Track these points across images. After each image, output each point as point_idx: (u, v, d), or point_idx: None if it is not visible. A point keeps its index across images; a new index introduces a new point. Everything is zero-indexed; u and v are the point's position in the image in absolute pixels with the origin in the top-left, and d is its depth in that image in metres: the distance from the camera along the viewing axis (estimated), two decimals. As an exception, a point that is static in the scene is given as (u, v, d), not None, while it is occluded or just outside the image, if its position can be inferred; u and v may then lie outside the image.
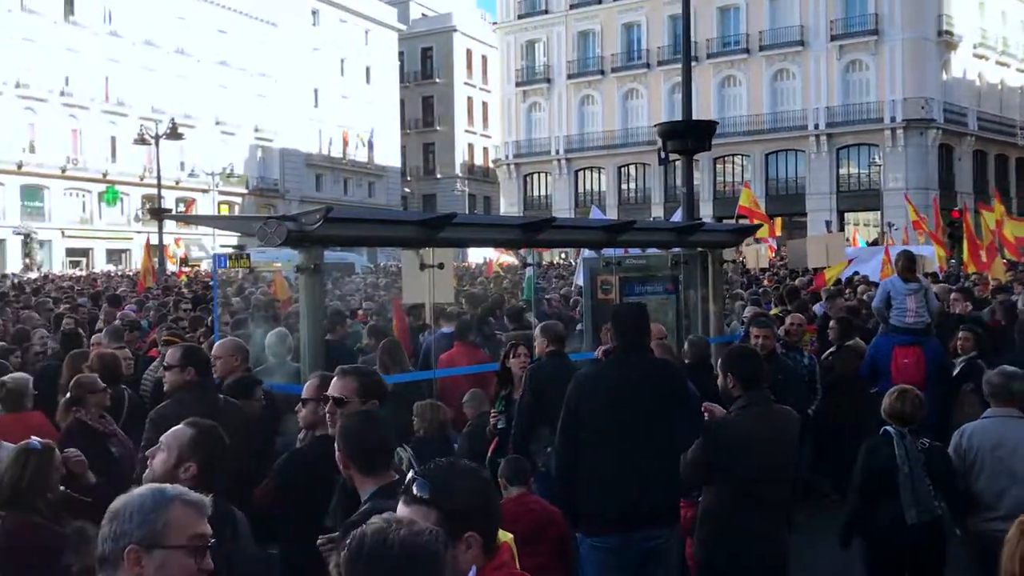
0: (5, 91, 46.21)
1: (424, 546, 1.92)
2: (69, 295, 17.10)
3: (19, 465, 4.00)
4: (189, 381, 5.09)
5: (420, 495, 2.30)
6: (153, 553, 2.12)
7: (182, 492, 2.24)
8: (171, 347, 5.82)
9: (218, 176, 54.02)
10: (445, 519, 2.25)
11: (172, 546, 2.14)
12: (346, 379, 3.98)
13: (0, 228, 45.96)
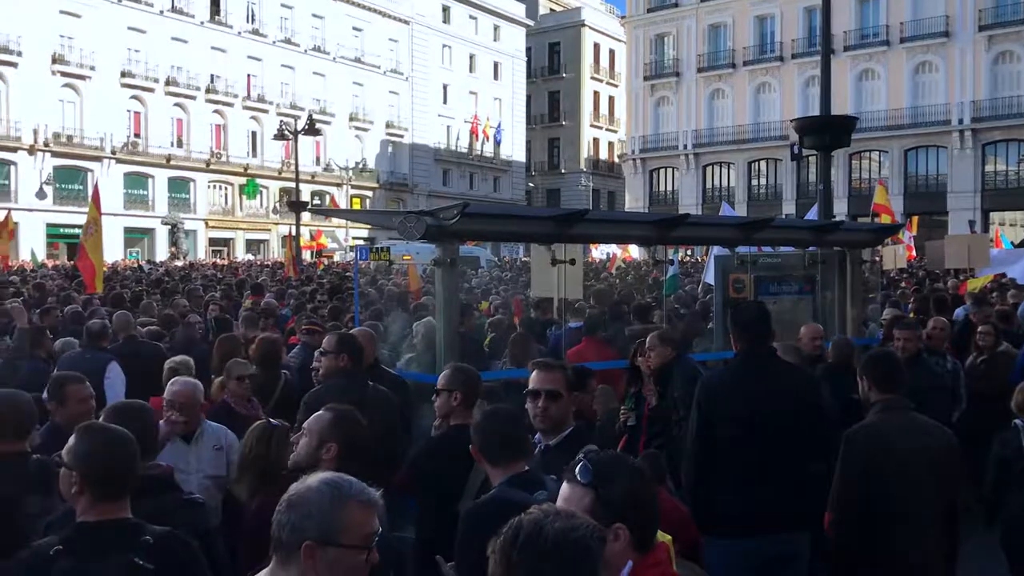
0: (157, 89, 48.95)
1: (578, 540, 1.93)
2: (216, 283, 17.98)
3: (264, 443, 4.24)
4: (342, 367, 5.34)
5: (580, 478, 2.40)
6: (327, 550, 2.19)
7: (358, 491, 2.28)
8: (327, 335, 6.08)
9: (351, 171, 55.71)
10: (599, 505, 2.34)
11: (346, 545, 2.21)
12: (554, 372, 4.00)
13: (150, 218, 48.71)
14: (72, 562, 2.74)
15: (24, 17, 42.65)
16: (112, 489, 2.89)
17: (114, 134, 46.68)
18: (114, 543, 2.81)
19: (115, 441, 2.97)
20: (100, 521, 2.85)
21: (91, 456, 2.90)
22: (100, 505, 2.87)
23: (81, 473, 2.87)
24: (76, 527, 2.86)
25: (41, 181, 44.06)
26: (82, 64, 45.47)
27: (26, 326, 8.21)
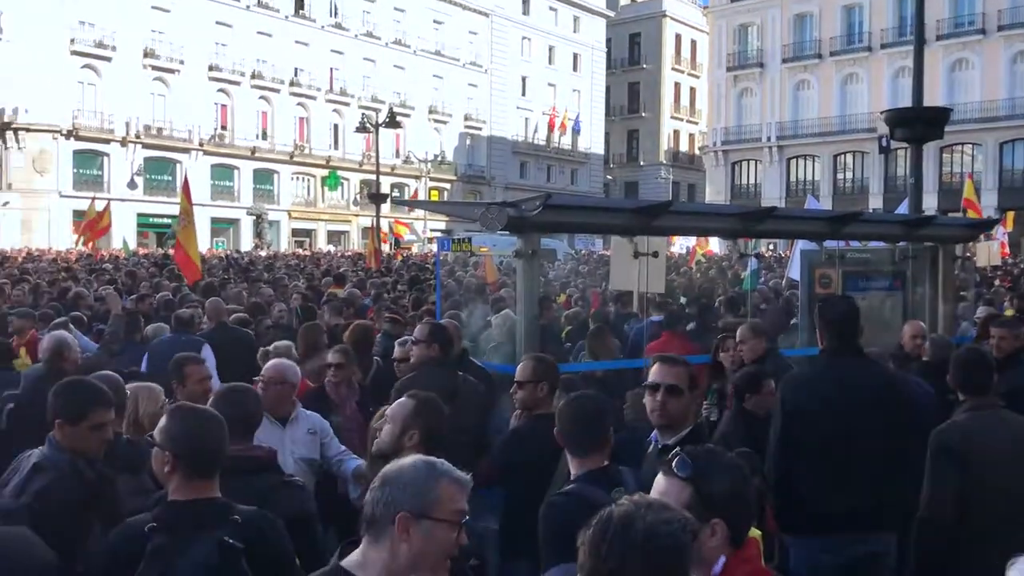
0: (243, 82, 50.14)
1: (669, 534, 1.90)
2: (299, 273, 18.37)
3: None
4: (434, 357, 5.40)
5: (679, 472, 2.38)
6: (422, 523, 2.24)
7: (450, 469, 2.34)
8: (419, 324, 6.15)
9: (430, 163, 56.22)
10: (698, 500, 2.33)
11: (439, 519, 2.26)
12: (677, 367, 3.96)
13: (235, 209, 49.95)
14: (165, 539, 2.81)
15: (117, 13, 44.10)
16: (202, 469, 2.96)
17: (202, 126, 47.98)
18: (204, 521, 2.88)
19: (206, 422, 3.04)
20: (191, 500, 2.92)
21: (183, 437, 2.97)
22: (191, 484, 2.93)
23: (173, 453, 2.95)
24: (167, 505, 2.94)
25: (132, 172, 45.56)
26: (171, 58, 46.83)
27: (120, 312, 8.48)
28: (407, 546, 2.24)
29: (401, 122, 40.54)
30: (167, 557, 2.78)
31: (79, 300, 10.57)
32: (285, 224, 52.54)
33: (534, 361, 4.72)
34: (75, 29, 42.92)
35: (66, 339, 6.39)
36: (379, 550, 2.27)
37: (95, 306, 10.94)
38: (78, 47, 43.18)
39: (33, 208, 41.97)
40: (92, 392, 3.67)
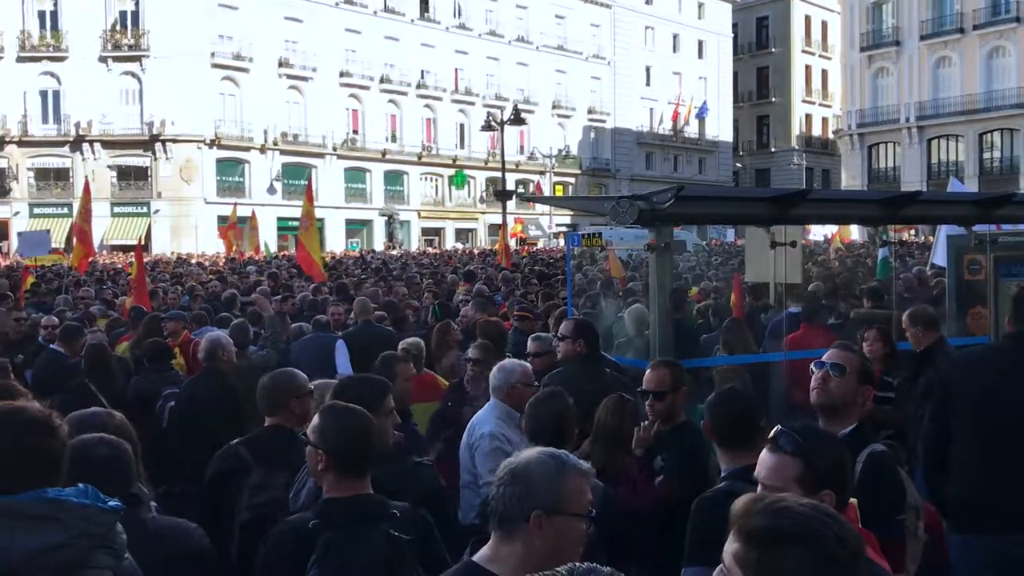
0: (372, 87, 51.53)
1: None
2: (431, 271, 18.76)
3: (617, 415, 4.45)
4: (579, 352, 5.42)
5: (786, 447, 2.46)
6: (554, 518, 2.25)
7: (575, 462, 2.36)
8: (564, 320, 6.18)
9: (554, 158, 56.33)
10: (807, 472, 2.43)
11: (571, 513, 2.27)
12: (848, 353, 3.87)
13: (368, 210, 51.42)
14: (333, 534, 2.90)
15: (254, 25, 46.08)
16: (355, 467, 3.04)
17: (335, 131, 49.58)
18: (365, 516, 2.97)
19: (358, 421, 3.12)
20: (349, 497, 3.00)
21: (336, 435, 3.05)
22: (345, 482, 3.01)
23: (326, 451, 3.03)
24: (325, 503, 3.02)
25: (271, 178, 47.51)
26: (305, 67, 48.57)
27: (272, 314, 8.85)
28: (541, 542, 2.25)
29: (525, 119, 40.67)
30: (341, 551, 2.87)
31: (231, 302, 11.08)
32: (415, 223, 53.72)
33: (669, 368, 4.55)
34: (215, 43, 45.08)
35: (221, 339, 6.71)
36: (512, 545, 2.30)
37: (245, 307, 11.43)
38: (218, 60, 45.33)
39: (181, 215, 44.37)
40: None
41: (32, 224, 41.53)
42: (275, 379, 4.45)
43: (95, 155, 43.81)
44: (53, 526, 2.21)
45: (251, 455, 4.14)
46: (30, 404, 2.46)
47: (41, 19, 44.19)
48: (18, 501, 2.23)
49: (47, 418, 2.38)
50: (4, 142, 42.45)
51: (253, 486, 4.00)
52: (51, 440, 2.36)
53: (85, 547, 2.25)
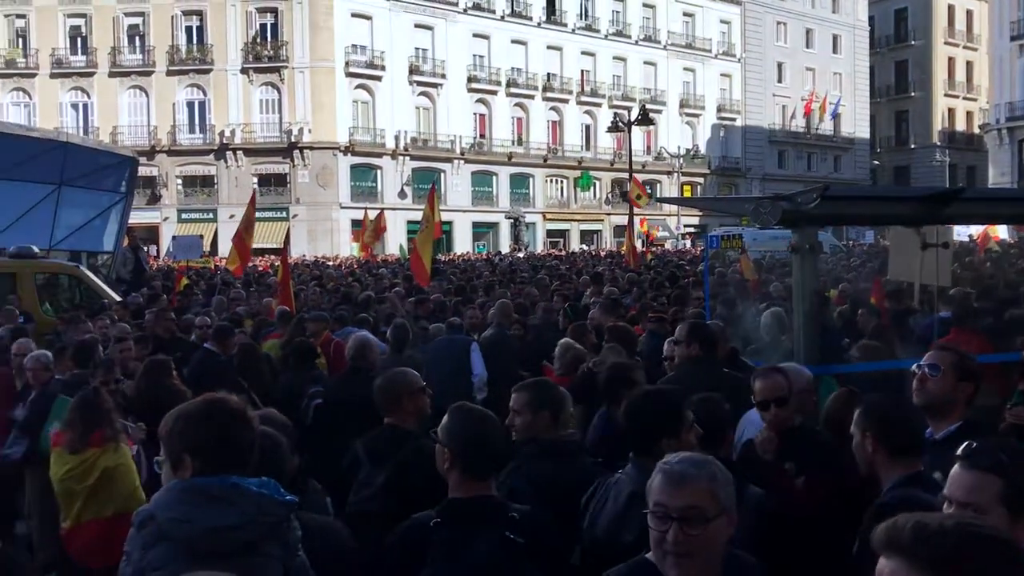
0: (499, 91, 52.11)
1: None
2: (559, 273, 18.82)
3: (849, 407, 4.46)
4: (694, 356, 5.33)
5: (982, 463, 2.26)
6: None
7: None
8: (679, 324, 6.12)
9: (682, 158, 55.56)
10: (1009, 490, 2.21)
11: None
12: (945, 353, 3.74)
13: (494, 213, 52.01)
14: (449, 533, 2.97)
15: (387, 34, 47.39)
16: (479, 468, 3.08)
17: (462, 136, 50.38)
18: (485, 518, 3.01)
19: (484, 423, 3.17)
20: (470, 498, 3.05)
21: (461, 435, 3.11)
22: (468, 482, 3.07)
23: (452, 450, 3.09)
24: (449, 502, 3.08)
25: (402, 182, 48.66)
26: (434, 73, 49.56)
27: (403, 315, 9.06)
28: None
29: (653, 119, 40.26)
30: (454, 549, 2.95)
31: (368, 303, 11.40)
32: (540, 225, 53.99)
33: (783, 374, 4.37)
34: (349, 53, 46.54)
35: (368, 340, 6.90)
36: None
37: (380, 308, 11.74)
38: (352, 69, 46.78)
39: (317, 219, 46.01)
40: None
41: (180, 229, 43.92)
42: (388, 378, 4.56)
43: (238, 163, 45.93)
44: (229, 509, 2.41)
45: (365, 452, 4.29)
46: (230, 396, 2.65)
47: (188, 34, 46.68)
48: (207, 482, 2.41)
49: (244, 410, 2.60)
50: (155, 151, 44.98)
51: (360, 482, 4.16)
52: (246, 430, 2.55)
53: (256, 533, 2.40)
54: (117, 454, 5.13)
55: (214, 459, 2.48)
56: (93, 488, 5.02)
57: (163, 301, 12.67)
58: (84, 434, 5.07)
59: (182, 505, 2.42)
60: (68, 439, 5.11)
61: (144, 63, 46.18)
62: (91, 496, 5.03)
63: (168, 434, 2.56)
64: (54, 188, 17.16)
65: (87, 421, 5.10)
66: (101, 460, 5.07)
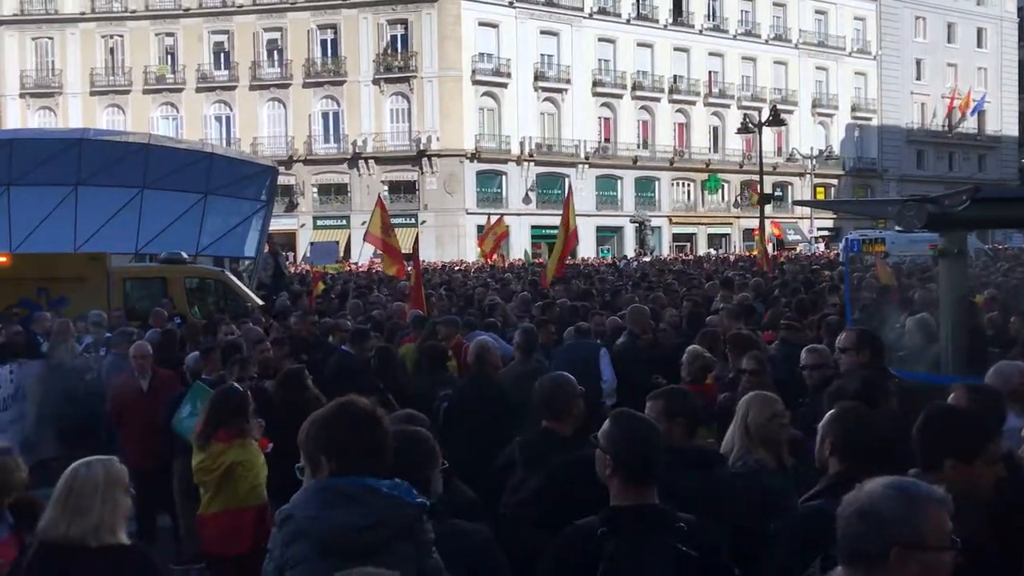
0: (624, 95, 51.83)
1: None
2: (688, 278, 18.56)
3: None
4: (863, 363, 5.18)
5: None
6: (915, 553, 2.14)
7: (929, 491, 2.21)
8: (845, 331, 5.92)
9: (814, 159, 53.88)
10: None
11: (934, 547, 2.15)
12: None
13: (619, 217, 51.70)
14: (618, 543, 2.92)
15: (513, 42, 47.91)
16: (639, 475, 3.05)
17: (587, 141, 50.34)
18: (652, 528, 2.96)
19: (644, 429, 3.15)
20: (634, 506, 3.01)
21: (621, 442, 3.09)
22: (631, 489, 3.03)
23: (613, 457, 3.08)
24: (612, 510, 3.04)
25: (526, 188, 49.00)
26: (559, 79, 49.73)
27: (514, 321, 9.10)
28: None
29: (784, 119, 39.18)
30: (626, 562, 2.89)
31: (494, 308, 11.53)
32: (666, 229, 53.35)
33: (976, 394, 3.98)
34: (476, 61, 47.25)
35: (488, 343, 7.01)
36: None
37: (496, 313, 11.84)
38: (479, 77, 47.46)
39: (445, 225, 46.86)
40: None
41: (315, 235, 45.55)
42: (552, 383, 4.57)
43: (369, 171, 47.28)
44: (360, 509, 2.50)
45: (521, 455, 4.32)
46: (361, 399, 2.75)
47: (323, 48, 48.38)
48: (340, 482, 2.52)
49: (374, 412, 2.69)
50: (292, 161, 46.78)
51: (514, 485, 4.19)
52: (377, 432, 2.63)
53: (386, 534, 2.47)
54: (244, 450, 5.39)
55: (348, 460, 2.58)
56: (219, 481, 5.30)
57: (305, 304, 13.17)
58: (212, 429, 5.36)
59: (316, 504, 2.53)
60: (197, 433, 5.42)
61: (282, 76, 48.14)
62: (218, 488, 5.32)
63: (306, 439, 2.68)
64: (200, 197, 18.08)
65: (214, 417, 5.39)
66: (228, 455, 5.34)
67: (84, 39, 48.96)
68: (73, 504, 3.11)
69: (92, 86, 48.96)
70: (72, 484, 3.15)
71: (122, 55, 49.12)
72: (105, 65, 49.19)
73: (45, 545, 3.12)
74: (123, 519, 3.22)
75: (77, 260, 14.47)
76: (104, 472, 3.21)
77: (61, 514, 3.10)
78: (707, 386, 6.46)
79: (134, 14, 48.60)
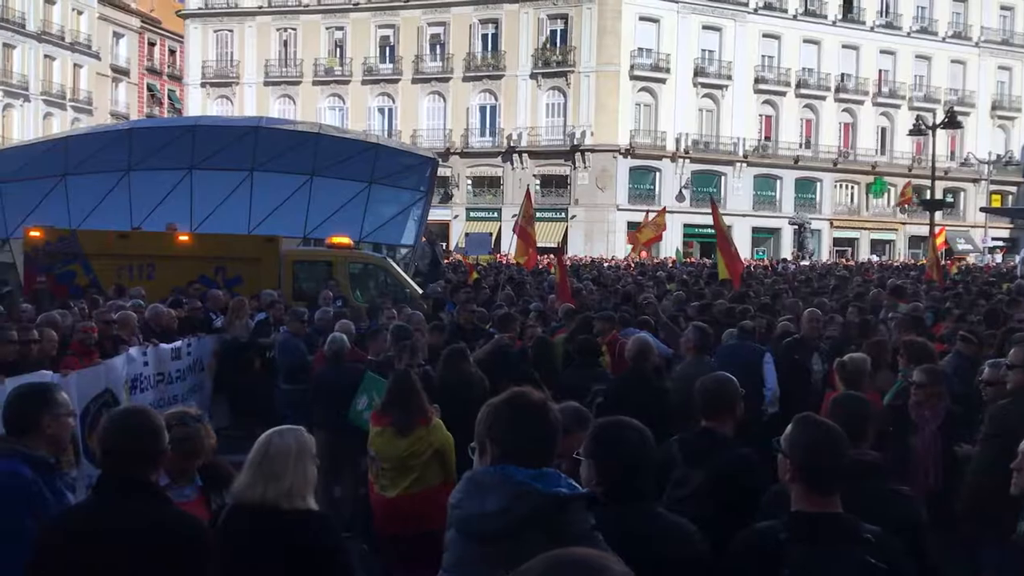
0: (787, 92, 50.24)
1: None
2: (848, 284, 17.86)
3: None
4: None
5: None
6: None
7: None
8: (1016, 347, 5.58)
9: (992, 164, 50.64)
10: None
11: None
12: None
13: (776, 218, 50.20)
14: (802, 551, 2.84)
15: (673, 37, 47.30)
16: (820, 482, 2.96)
17: (746, 139, 49.12)
18: (838, 537, 2.86)
19: (827, 435, 3.04)
20: (818, 513, 2.92)
21: (802, 447, 3.01)
22: (811, 496, 2.95)
23: (793, 462, 3.01)
24: (793, 516, 2.96)
25: (680, 185, 48.28)
26: (720, 75, 48.72)
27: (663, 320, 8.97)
28: None
29: (960, 121, 36.97)
30: (813, 571, 2.81)
31: (647, 306, 11.44)
32: (826, 232, 51.42)
33: None
34: (635, 56, 46.92)
35: (648, 343, 6.96)
36: None
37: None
38: (637, 72, 47.10)
39: (594, 221, 46.81)
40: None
41: (468, 227, 46.47)
42: (717, 383, 4.51)
43: (523, 165, 47.77)
44: (488, 496, 2.53)
45: (681, 452, 4.27)
46: (533, 391, 2.76)
47: (484, 42, 49.19)
48: (484, 471, 2.61)
49: (543, 404, 2.70)
50: (449, 153, 47.84)
51: (674, 481, 4.15)
52: (543, 423, 2.66)
53: (511, 521, 2.47)
54: (442, 431, 5.56)
55: (510, 448, 2.59)
56: (427, 462, 5.51)
57: (464, 293, 13.47)
58: (412, 417, 5.54)
59: (460, 490, 2.62)
60: (397, 421, 5.56)
61: (443, 70, 49.27)
62: (425, 469, 5.51)
63: (477, 421, 2.73)
64: (365, 186, 18.79)
65: (413, 405, 5.56)
66: (433, 437, 5.55)
67: (260, 32, 51.66)
68: (267, 469, 3.28)
69: (266, 76, 51.61)
70: (267, 450, 3.32)
71: (294, 47, 51.54)
72: (278, 57, 51.74)
73: (240, 506, 3.31)
74: (311, 486, 3.38)
75: (253, 242, 15.28)
76: (295, 441, 3.37)
77: (257, 478, 3.28)
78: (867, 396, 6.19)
79: (307, 8, 50.88)
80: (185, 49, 55.58)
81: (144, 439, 3.18)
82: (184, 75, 56.29)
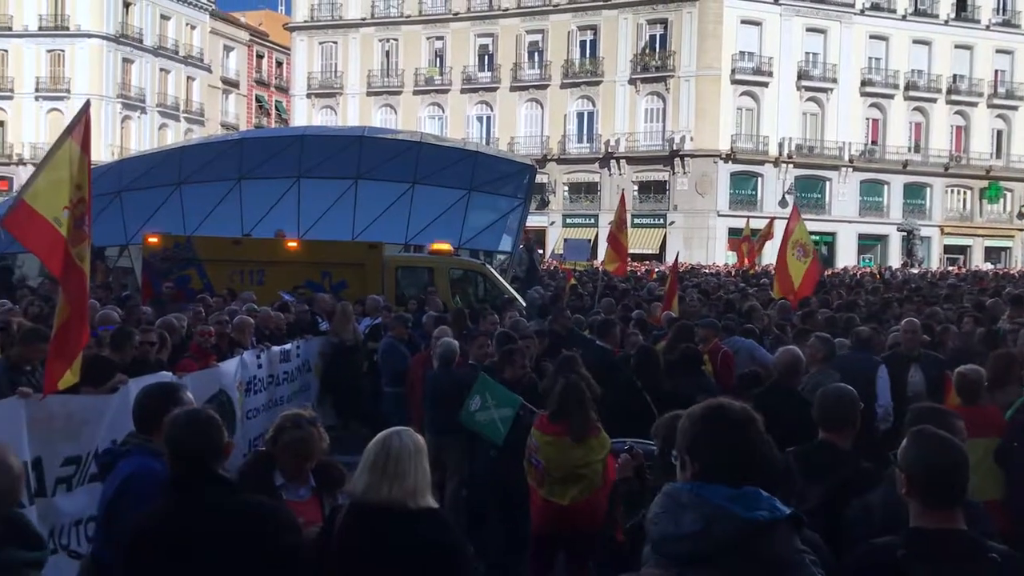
0: (896, 95, 48.60)
1: None
2: (963, 293, 17.17)
3: None
4: None
5: None
6: None
7: None
8: None
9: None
10: None
11: None
12: None
13: (884, 225, 48.57)
14: (923, 569, 2.76)
15: (776, 40, 46.35)
16: (938, 497, 2.87)
17: (852, 143, 47.72)
18: (960, 555, 2.77)
19: (943, 449, 2.94)
20: (935, 529, 2.83)
21: (920, 461, 2.92)
22: (932, 512, 2.86)
23: (908, 476, 2.93)
24: (912, 532, 2.88)
25: (783, 191, 47.22)
26: (824, 78, 47.49)
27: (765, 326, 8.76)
28: None
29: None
30: None
31: (752, 313, 11.24)
32: (936, 239, 49.50)
33: None
34: (737, 60, 46.17)
35: (801, 356, 6.71)
36: None
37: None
38: (739, 76, 46.32)
39: (694, 227, 46.17)
40: None
41: (564, 233, 46.42)
42: (839, 394, 4.42)
43: (620, 170, 47.52)
44: (679, 518, 2.34)
45: (798, 465, 4.19)
46: (733, 404, 2.52)
47: (582, 49, 49.17)
48: (681, 487, 2.41)
49: (745, 417, 2.46)
50: (546, 160, 47.95)
51: (790, 493, 4.06)
52: (746, 439, 2.44)
53: (706, 545, 2.29)
54: (607, 440, 5.62)
55: (710, 465, 2.40)
56: (596, 468, 5.58)
57: (563, 301, 13.50)
58: (587, 426, 5.59)
59: (659, 506, 2.42)
60: (572, 430, 5.57)
61: (541, 77, 49.45)
62: (594, 476, 5.57)
63: (678, 434, 2.55)
64: (465, 193, 19.03)
65: (586, 414, 5.59)
66: (604, 447, 5.60)
67: (363, 43, 52.84)
68: (392, 469, 3.32)
69: (368, 87, 52.75)
70: (390, 451, 3.37)
71: (396, 58, 52.55)
72: (381, 67, 52.83)
73: (361, 506, 3.36)
74: (430, 485, 3.44)
75: (357, 248, 15.67)
76: (413, 441, 3.43)
77: (381, 478, 3.31)
78: (984, 409, 5.91)
79: (408, 19, 51.80)
80: (292, 61, 57.32)
81: (212, 435, 3.30)
82: (291, 86, 58.03)
